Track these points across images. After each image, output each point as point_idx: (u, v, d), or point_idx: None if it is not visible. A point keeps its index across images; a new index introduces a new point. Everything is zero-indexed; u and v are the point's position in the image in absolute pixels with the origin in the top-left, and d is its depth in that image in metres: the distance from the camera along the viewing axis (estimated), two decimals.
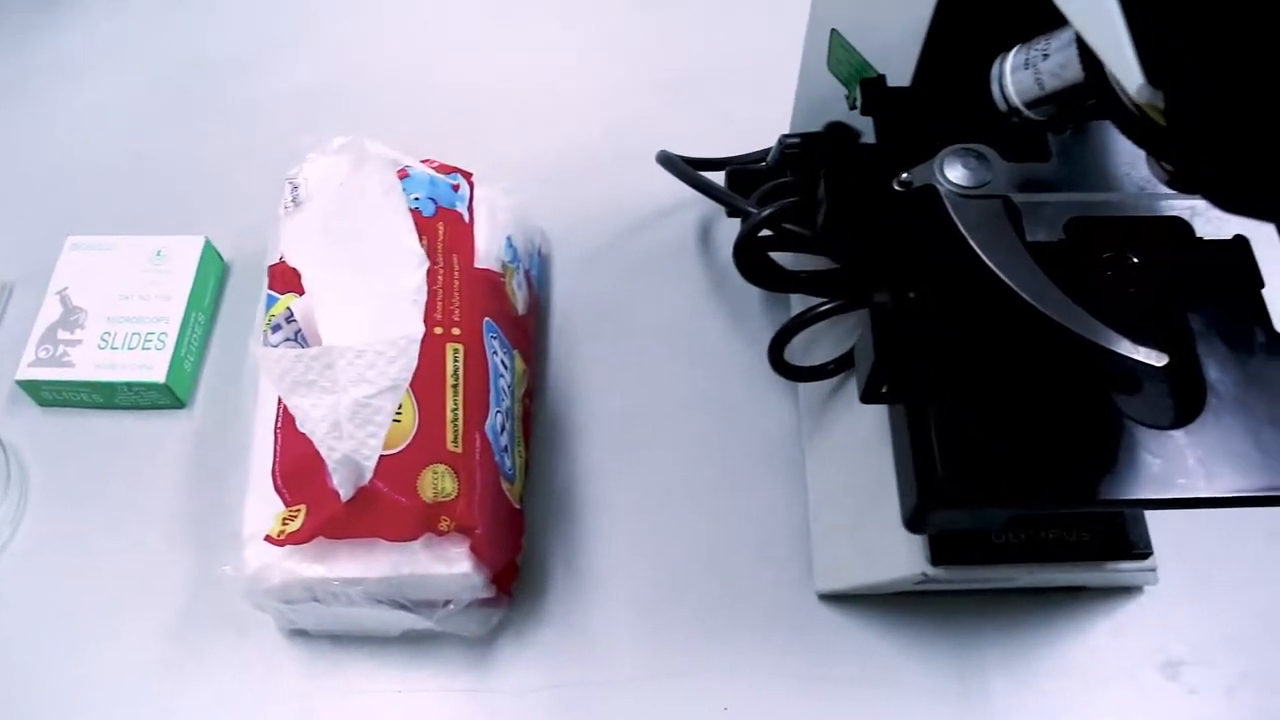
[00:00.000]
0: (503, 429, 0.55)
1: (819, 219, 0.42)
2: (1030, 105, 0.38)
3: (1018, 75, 0.38)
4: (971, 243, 0.39)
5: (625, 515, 0.59)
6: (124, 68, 0.79)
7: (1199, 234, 0.41)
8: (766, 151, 0.58)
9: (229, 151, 0.72)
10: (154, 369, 0.60)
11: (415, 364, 0.47)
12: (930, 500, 0.35)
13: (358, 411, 0.44)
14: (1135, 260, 0.40)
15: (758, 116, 0.61)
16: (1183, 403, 0.38)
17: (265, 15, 0.81)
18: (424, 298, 0.48)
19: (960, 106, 0.42)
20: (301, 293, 0.49)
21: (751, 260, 0.51)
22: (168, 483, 0.60)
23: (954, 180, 0.41)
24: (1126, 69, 0.28)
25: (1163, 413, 0.38)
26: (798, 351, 0.59)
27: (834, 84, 0.54)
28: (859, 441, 0.53)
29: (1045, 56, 0.37)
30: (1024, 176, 0.42)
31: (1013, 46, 0.39)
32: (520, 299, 0.60)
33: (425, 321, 0.52)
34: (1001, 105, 0.39)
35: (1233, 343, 0.39)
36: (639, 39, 0.79)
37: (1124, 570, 0.50)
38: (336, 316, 0.46)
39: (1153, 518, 0.56)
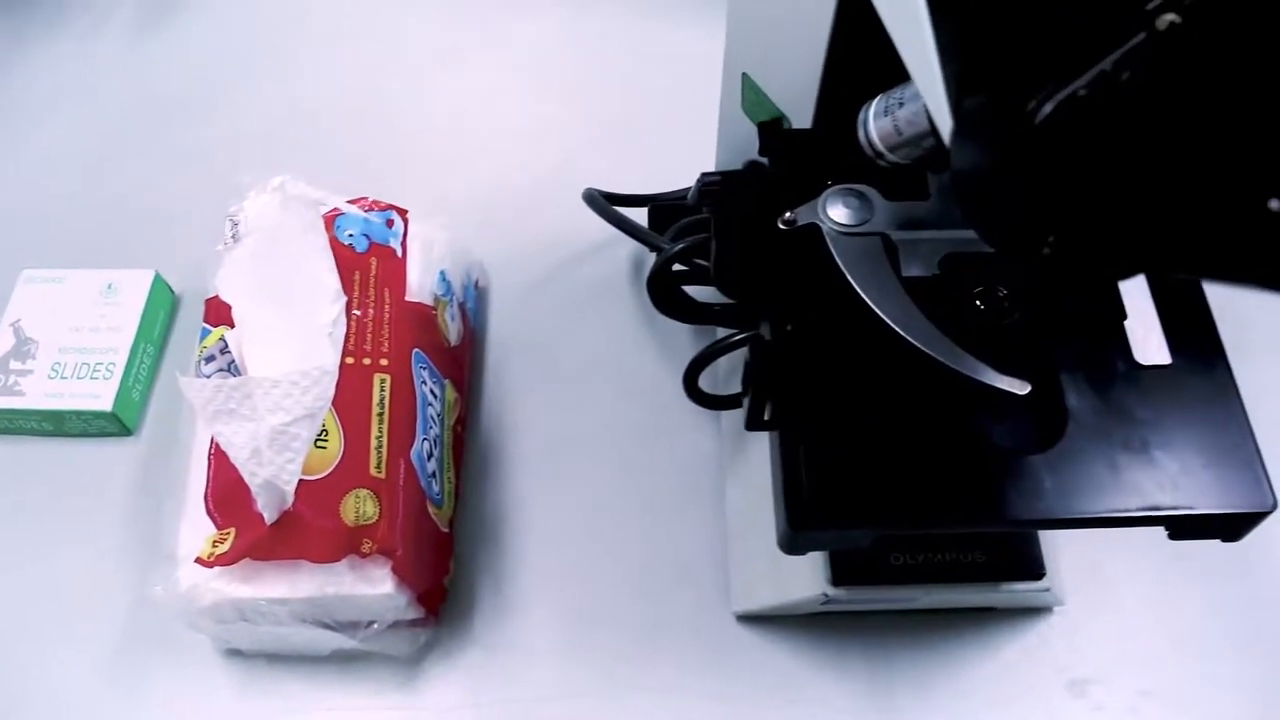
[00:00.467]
0: (430, 455, 0.57)
1: (710, 256, 0.45)
2: (891, 150, 0.40)
3: (879, 121, 0.40)
4: (849, 277, 0.42)
5: (553, 539, 0.61)
6: (80, 108, 0.81)
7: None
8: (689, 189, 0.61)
9: (182, 189, 0.75)
10: (102, 398, 0.62)
11: (331, 393, 0.49)
12: (796, 522, 0.38)
13: (276, 438, 0.47)
14: (1005, 294, 0.42)
15: (689, 154, 0.64)
16: (1044, 429, 0.40)
17: (217, 58, 0.84)
18: (341, 330, 0.51)
19: (849, 147, 0.45)
20: (232, 325, 0.51)
21: (663, 293, 0.53)
22: (114, 508, 0.62)
23: (836, 219, 0.44)
24: (944, 118, 0.31)
25: (1025, 439, 0.40)
26: (721, 380, 0.61)
27: (751, 124, 0.57)
28: (768, 467, 0.55)
29: (901, 105, 0.39)
30: (905, 215, 0.45)
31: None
32: (453, 330, 0.62)
33: (354, 353, 0.54)
34: (867, 150, 0.41)
35: (1094, 372, 0.41)
36: (577, 79, 0.81)
37: (1018, 591, 0.52)
38: (260, 348, 0.49)
39: (1064, 541, 0.58)
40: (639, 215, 0.64)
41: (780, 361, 0.40)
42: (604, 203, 0.60)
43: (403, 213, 0.62)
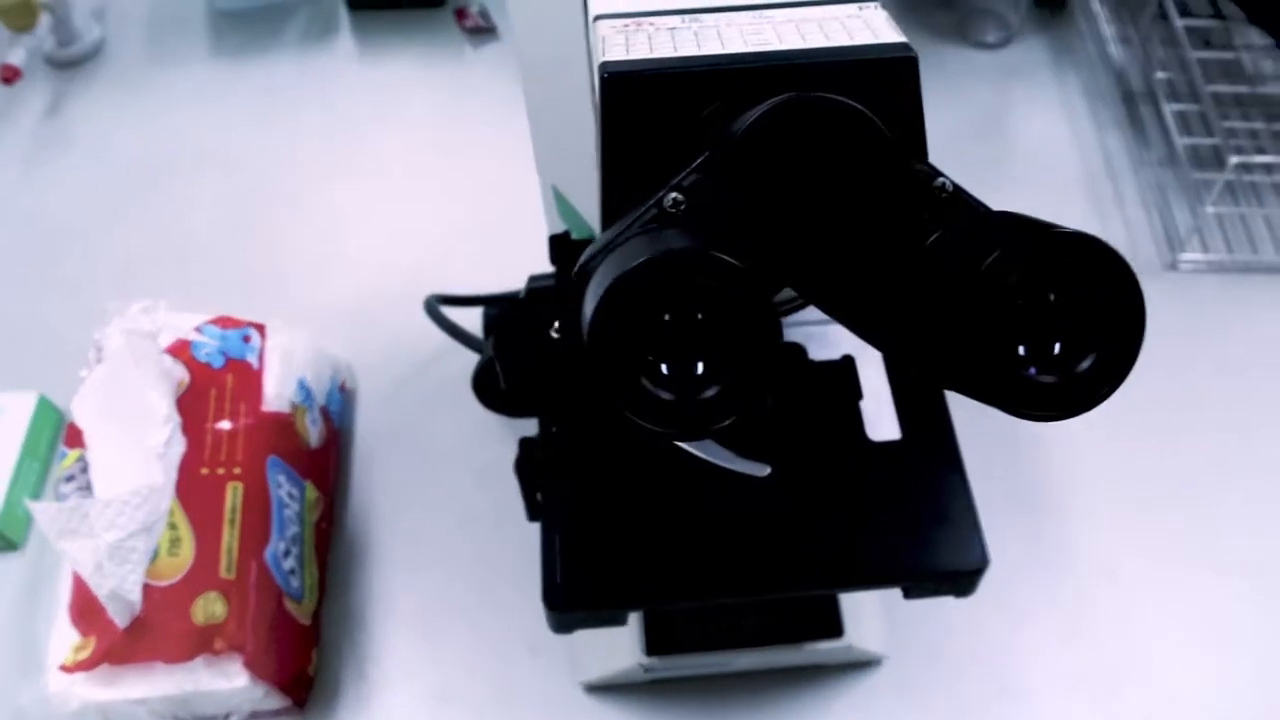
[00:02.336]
0: (288, 554, 0.61)
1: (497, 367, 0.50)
2: None
3: None
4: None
5: (415, 624, 0.66)
6: None
7: (812, 356, 0.49)
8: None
9: (69, 313, 0.78)
10: None
11: (164, 508, 0.54)
12: (550, 603, 0.42)
13: (114, 552, 0.51)
14: None
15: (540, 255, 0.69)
16: (783, 505, 0.45)
17: (103, 187, 0.88)
18: (177, 450, 0.56)
19: None
20: (84, 448, 0.56)
21: (485, 394, 0.58)
22: None
23: None
24: None
25: (768, 518, 0.45)
26: None
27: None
28: None
29: None
30: None
31: None
32: (314, 434, 0.67)
33: (209, 464, 0.59)
34: None
35: (830, 450, 0.46)
36: (440, 187, 0.87)
37: (821, 650, 0.56)
38: (102, 469, 0.54)
39: (891, 600, 0.63)
40: None
41: (543, 460, 0.45)
42: (437, 309, 0.66)
43: (260, 327, 0.67)
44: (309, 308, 0.77)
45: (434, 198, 0.86)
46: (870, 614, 0.60)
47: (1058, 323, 0.27)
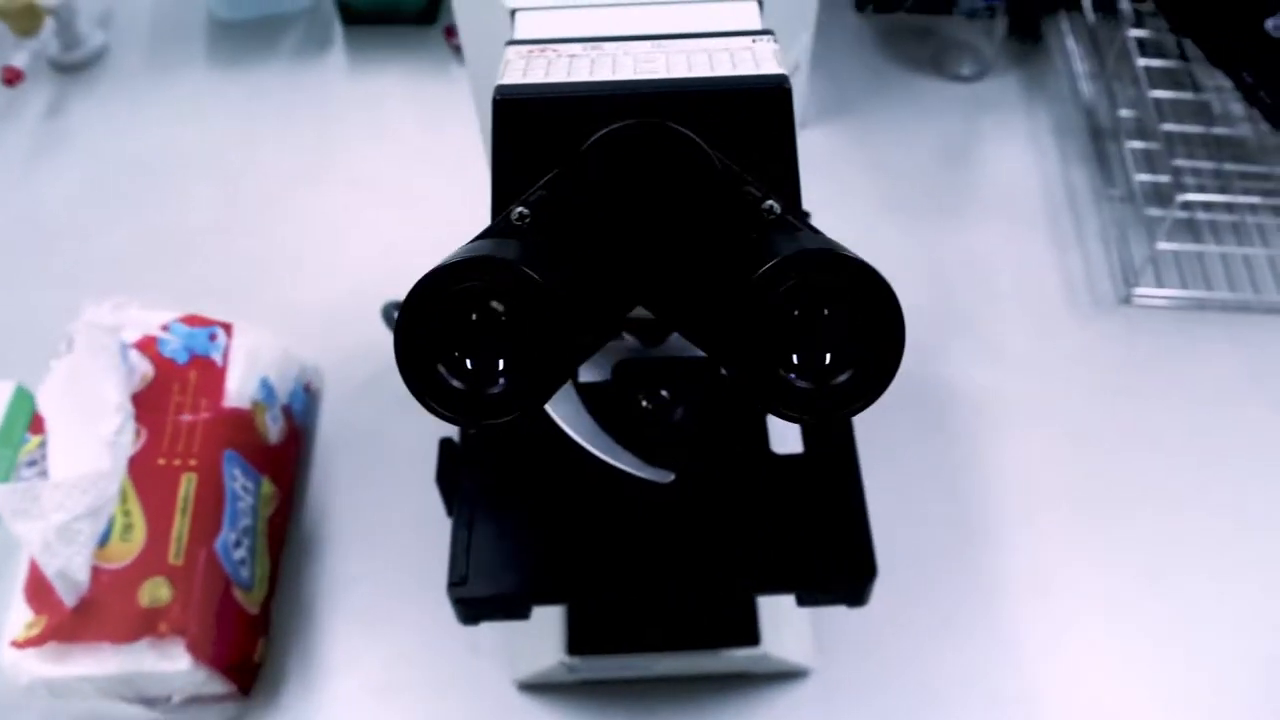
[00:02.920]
0: (238, 545, 0.64)
1: None
2: None
3: None
4: None
5: (363, 617, 0.68)
6: None
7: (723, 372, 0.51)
8: None
9: (53, 307, 0.82)
10: None
11: (111, 492, 0.56)
12: (454, 595, 0.44)
13: (62, 533, 0.54)
14: (667, 395, 0.50)
15: None
16: (685, 510, 0.48)
17: (94, 189, 0.92)
18: (127, 437, 0.58)
19: None
20: (45, 434, 0.59)
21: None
22: None
23: None
24: None
25: (671, 522, 0.47)
26: None
27: None
28: None
29: None
30: None
31: None
32: (274, 431, 0.70)
33: (166, 454, 0.62)
34: None
35: (735, 460, 0.49)
36: (413, 200, 0.90)
37: (738, 657, 0.58)
38: (58, 454, 0.56)
39: (820, 614, 0.65)
40: None
41: (459, 461, 0.47)
42: (394, 316, 0.68)
43: (227, 327, 0.69)
44: (283, 310, 0.80)
45: (412, 208, 0.89)
46: (793, 625, 0.62)
47: (824, 336, 0.29)
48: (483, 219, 0.72)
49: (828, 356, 0.29)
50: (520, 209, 0.31)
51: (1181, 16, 0.84)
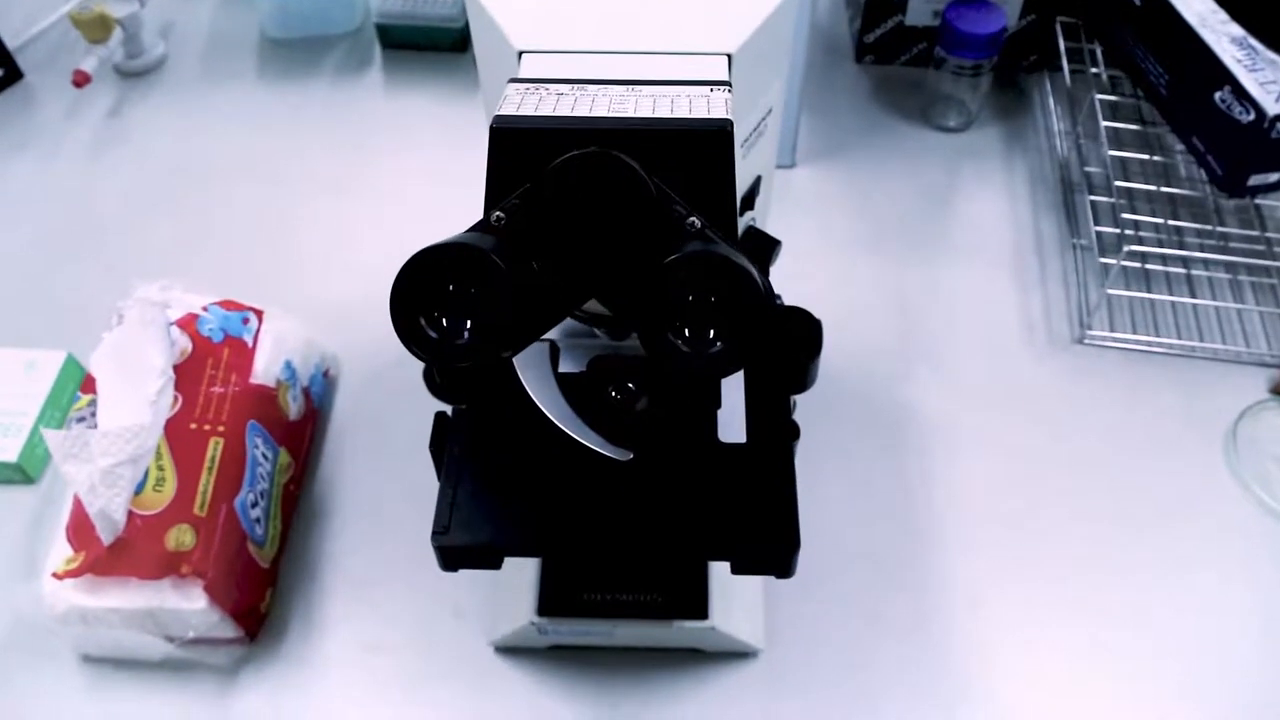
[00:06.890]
0: (255, 505, 0.72)
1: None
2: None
3: None
4: (516, 368, 0.57)
5: (362, 579, 0.76)
6: (37, 215, 0.99)
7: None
8: None
9: (106, 287, 0.91)
10: (8, 450, 0.77)
11: (151, 444, 0.64)
12: (437, 541, 0.52)
13: (106, 476, 0.62)
14: (632, 387, 0.57)
15: None
16: (640, 485, 0.55)
17: (149, 183, 1.02)
18: (166, 400, 0.67)
19: None
20: (95, 393, 0.67)
21: (429, 383, 0.69)
22: (13, 540, 0.77)
23: None
24: None
25: (629, 496, 0.55)
26: None
27: None
28: None
29: None
30: (573, 327, 0.60)
31: None
32: (294, 408, 0.78)
33: (198, 420, 0.70)
34: None
35: (687, 446, 0.56)
36: (436, 211, 0.96)
37: (688, 629, 0.65)
38: (106, 410, 0.65)
39: (777, 595, 0.72)
40: None
41: (450, 430, 0.55)
42: None
43: (258, 312, 0.78)
44: (309, 302, 0.88)
45: (432, 220, 0.96)
46: (744, 608, 0.69)
47: (707, 316, 0.37)
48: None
49: (710, 332, 0.37)
50: (499, 213, 0.40)
51: (1146, 87, 0.91)
